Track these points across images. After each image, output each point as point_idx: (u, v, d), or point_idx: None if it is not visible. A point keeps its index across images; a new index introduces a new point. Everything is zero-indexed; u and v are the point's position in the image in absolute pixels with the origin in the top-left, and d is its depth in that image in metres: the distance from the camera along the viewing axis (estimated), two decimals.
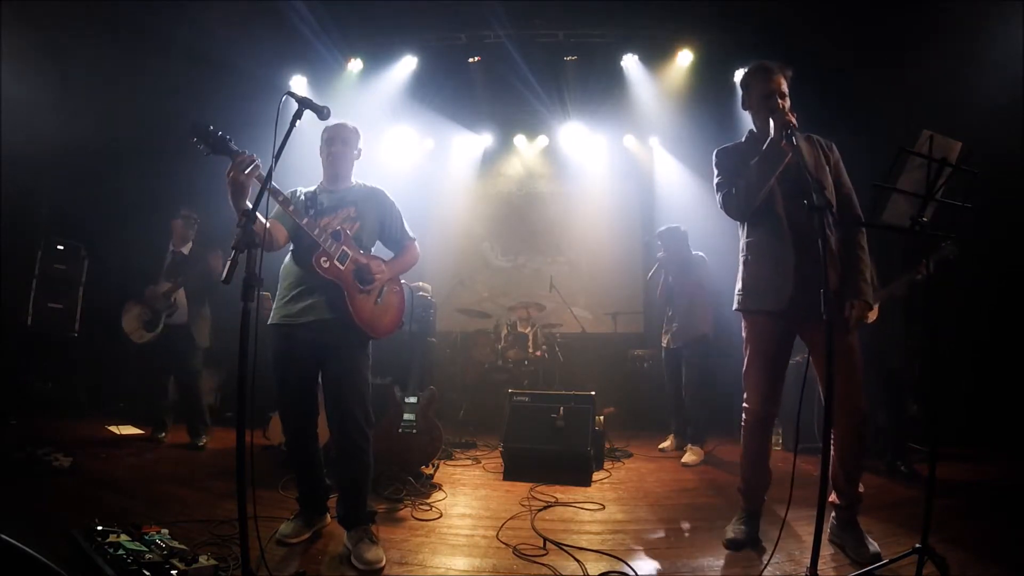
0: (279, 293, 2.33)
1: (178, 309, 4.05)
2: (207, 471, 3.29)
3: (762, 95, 2.27)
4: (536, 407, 3.57)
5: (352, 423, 2.20)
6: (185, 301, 4.08)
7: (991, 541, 2.31)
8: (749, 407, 2.32)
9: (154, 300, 4.00)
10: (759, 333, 2.29)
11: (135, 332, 4.01)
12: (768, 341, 2.26)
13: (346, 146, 2.40)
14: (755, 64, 2.34)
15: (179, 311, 4.05)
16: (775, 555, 2.03)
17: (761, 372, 2.28)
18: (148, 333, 4.00)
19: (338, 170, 2.40)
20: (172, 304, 4.02)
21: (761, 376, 2.28)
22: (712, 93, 5.66)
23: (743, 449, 2.38)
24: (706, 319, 4.15)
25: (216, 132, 1.91)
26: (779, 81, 2.26)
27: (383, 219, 2.45)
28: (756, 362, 2.29)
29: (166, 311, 4.01)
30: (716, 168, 2.41)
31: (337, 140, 2.39)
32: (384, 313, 2.36)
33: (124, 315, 4.03)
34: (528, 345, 5.50)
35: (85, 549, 1.77)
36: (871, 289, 2.24)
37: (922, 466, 3.41)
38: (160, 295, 4.00)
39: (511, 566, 2.09)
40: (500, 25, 5.45)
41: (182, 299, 4.07)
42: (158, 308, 4.00)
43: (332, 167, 2.40)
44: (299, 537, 2.25)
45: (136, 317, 4.02)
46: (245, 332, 1.52)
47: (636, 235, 6.95)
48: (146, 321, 4.00)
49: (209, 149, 1.90)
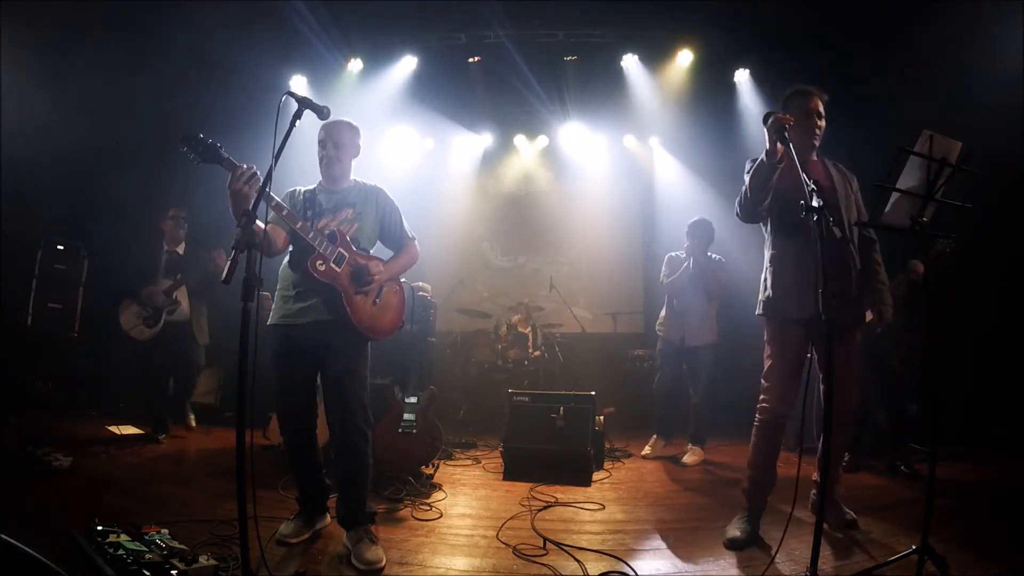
0: (278, 294, 2.33)
1: (179, 306, 4.12)
2: (207, 471, 3.29)
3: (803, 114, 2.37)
4: (536, 407, 3.57)
5: (351, 424, 2.20)
6: (187, 298, 4.16)
7: (991, 541, 2.32)
8: (767, 406, 2.37)
9: (154, 298, 4.03)
10: (783, 338, 2.37)
11: (135, 328, 4.03)
12: (790, 346, 2.36)
13: (339, 149, 2.35)
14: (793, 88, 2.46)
15: (180, 308, 4.13)
16: (774, 555, 2.03)
17: (782, 374, 2.36)
18: (149, 329, 4.04)
19: (332, 173, 2.37)
20: (174, 301, 4.08)
21: (782, 378, 2.36)
22: (712, 93, 5.67)
23: (753, 448, 2.41)
24: (715, 325, 4.03)
25: (206, 140, 1.91)
26: (816, 103, 2.39)
27: (382, 219, 2.44)
28: (777, 364, 2.37)
29: (167, 308, 4.06)
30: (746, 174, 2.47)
31: (328, 143, 2.34)
32: (383, 313, 2.35)
33: (121, 313, 4.06)
34: (528, 345, 5.50)
35: (85, 549, 1.77)
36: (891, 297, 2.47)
37: (922, 466, 3.42)
38: (160, 293, 4.04)
39: (511, 566, 2.09)
40: (500, 25, 5.45)
41: (183, 297, 4.14)
42: (159, 306, 4.05)
43: (327, 170, 2.37)
44: (299, 537, 2.25)
45: (135, 314, 4.04)
46: (245, 332, 1.52)
47: (636, 235, 6.95)
48: (146, 318, 4.03)
49: (199, 158, 1.91)
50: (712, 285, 3.96)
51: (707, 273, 3.97)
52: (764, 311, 2.43)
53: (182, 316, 4.13)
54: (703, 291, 3.98)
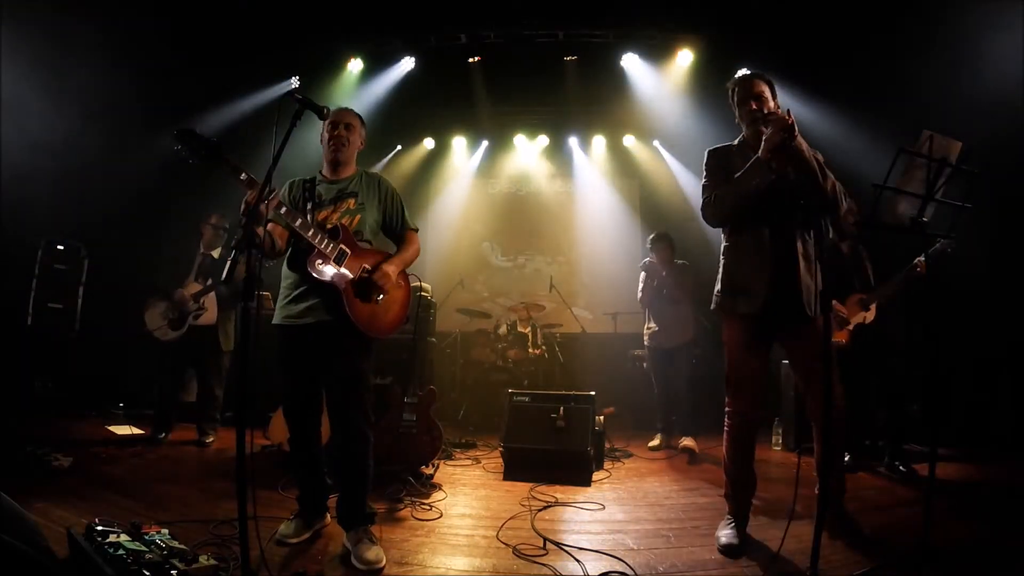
0: (281, 292, 2.31)
1: (206, 311, 4.06)
2: (207, 471, 3.29)
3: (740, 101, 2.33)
4: (536, 407, 3.57)
5: (353, 424, 2.20)
6: (216, 304, 4.10)
7: (991, 541, 2.31)
8: (731, 409, 2.34)
9: (182, 301, 4.00)
10: (732, 335, 2.32)
11: (159, 329, 4.01)
12: (740, 343, 2.29)
13: (350, 131, 2.34)
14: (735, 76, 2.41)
15: (207, 314, 4.07)
16: (774, 555, 2.03)
17: (735, 374, 2.31)
18: (173, 332, 4.00)
19: (340, 155, 2.33)
20: (201, 306, 4.03)
21: (735, 378, 2.31)
22: (712, 93, 5.66)
23: (726, 452, 2.37)
24: (690, 323, 4.36)
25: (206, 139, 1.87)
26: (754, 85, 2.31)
27: (385, 208, 2.40)
28: (731, 364, 2.33)
29: (194, 312, 4.02)
30: (705, 169, 2.44)
31: (340, 124, 2.33)
32: (386, 311, 2.31)
33: (147, 311, 4.04)
34: (528, 345, 5.50)
35: (85, 549, 1.77)
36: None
37: (921, 466, 3.42)
38: (189, 297, 4.00)
39: (511, 566, 2.09)
40: (500, 25, 5.46)
41: (211, 301, 4.08)
42: (186, 309, 4.00)
43: (334, 151, 2.32)
44: (299, 537, 2.25)
45: (160, 315, 4.02)
46: (245, 332, 1.52)
47: (636, 235, 6.96)
48: (172, 319, 4.00)
49: (196, 158, 1.85)
50: (676, 292, 4.30)
51: (672, 281, 4.31)
52: (716, 306, 2.37)
53: (208, 321, 4.06)
54: (669, 299, 4.33)
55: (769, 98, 2.30)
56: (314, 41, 5.64)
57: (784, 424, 4.22)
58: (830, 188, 2.16)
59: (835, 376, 2.21)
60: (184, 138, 1.86)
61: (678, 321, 4.33)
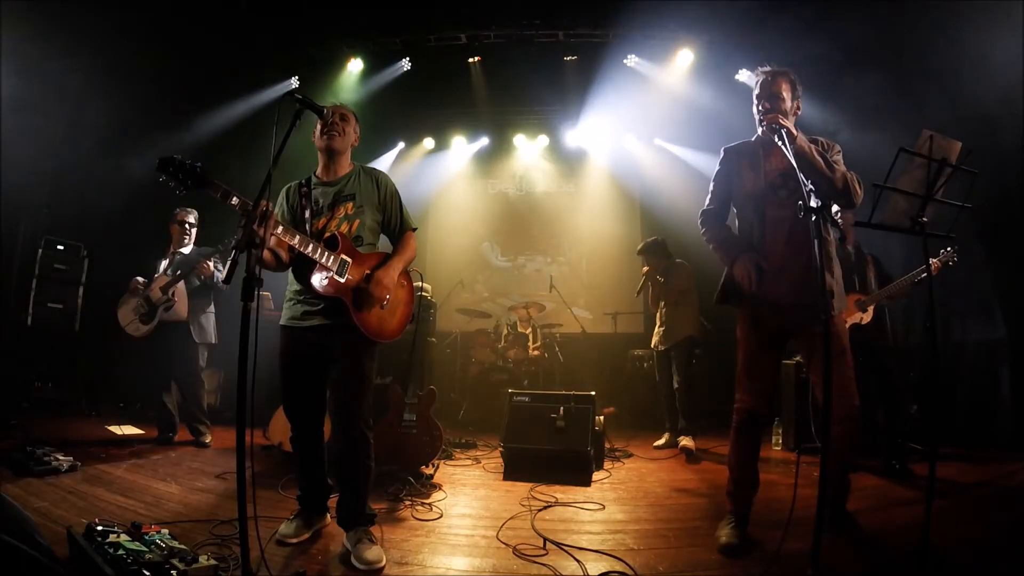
0: (287, 294, 2.31)
1: (175, 304, 4.00)
2: (207, 471, 3.28)
3: (756, 96, 2.31)
4: (536, 407, 3.57)
5: (355, 426, 2.20)
6: (185, 297, 4.05)
7: (991, 541, 2.31)
8: (739, 405, 2.33)
9: (151, 294, 3.98)
10: (747, 330, 2.31)
11: (130, 324, 3.98)
12: (755, 339, 2.28)
13: (345, 122, 2.32)
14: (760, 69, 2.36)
15: (176, 307, 4.01)
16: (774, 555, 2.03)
17: (748, 369, 2.30)
18: (144, 326, 3.96)
19: (334, 143, 2.29)
20: (170, 298, 3.98)
21: (748, 373, 2.30)
22: (712, 93, 5.67)
23: (731, 448, 2.37)
24: (691, 321, 4.39)
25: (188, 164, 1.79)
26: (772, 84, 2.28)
27: (384, 208, 2.38)
28: (741, 358, 2.33)
29: (163, 305, 3.98)
30: (717, 167, 2.44)
31: (336, 115, 2.30)
32: (391, 314, 2.31)
33: (120, 308, 4.03)
34: (528, 345, 5.50)
35: (85, 549, 1.77)
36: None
37: (919, 465, 3.41)
38: (157, 289, 3.98)
39: (511, 566, 2.09)
40: (500, 25, 5.46)
41: (181, 294, 4.03)
42: (155, 302, 3.97)
43: (328, 140, 2.28)
44: (299, 537, 2.25)
45: (132, 309, 4.00)
46: (245, 332, 1.51)
47: (636, 235, 6.94)
48: (142, 314, 3.97)
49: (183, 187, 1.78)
50: (673, 295, 4.40)
51: (667, 283, 4.41)
52: (717, 299, 2.35)
53: (177, 316, 4.01)
54: (669, 300, 4.45)
55: (786, 99, 2.27)
56: (314, 41, 5.65)
57: (784, 424, 4.22)
58: (839, 179, 2.14)
59: (852, 374, 2.20)
60: (166, 168, 1.78)
61: (678, 320, 4.41)
